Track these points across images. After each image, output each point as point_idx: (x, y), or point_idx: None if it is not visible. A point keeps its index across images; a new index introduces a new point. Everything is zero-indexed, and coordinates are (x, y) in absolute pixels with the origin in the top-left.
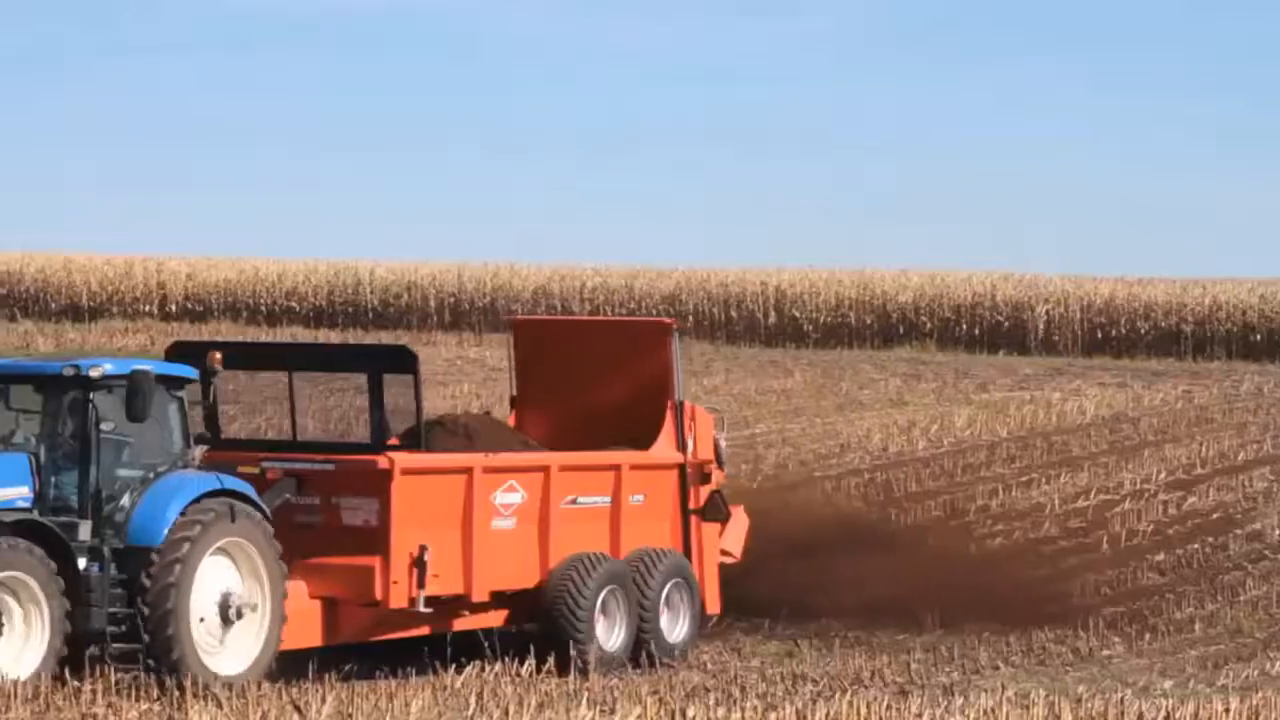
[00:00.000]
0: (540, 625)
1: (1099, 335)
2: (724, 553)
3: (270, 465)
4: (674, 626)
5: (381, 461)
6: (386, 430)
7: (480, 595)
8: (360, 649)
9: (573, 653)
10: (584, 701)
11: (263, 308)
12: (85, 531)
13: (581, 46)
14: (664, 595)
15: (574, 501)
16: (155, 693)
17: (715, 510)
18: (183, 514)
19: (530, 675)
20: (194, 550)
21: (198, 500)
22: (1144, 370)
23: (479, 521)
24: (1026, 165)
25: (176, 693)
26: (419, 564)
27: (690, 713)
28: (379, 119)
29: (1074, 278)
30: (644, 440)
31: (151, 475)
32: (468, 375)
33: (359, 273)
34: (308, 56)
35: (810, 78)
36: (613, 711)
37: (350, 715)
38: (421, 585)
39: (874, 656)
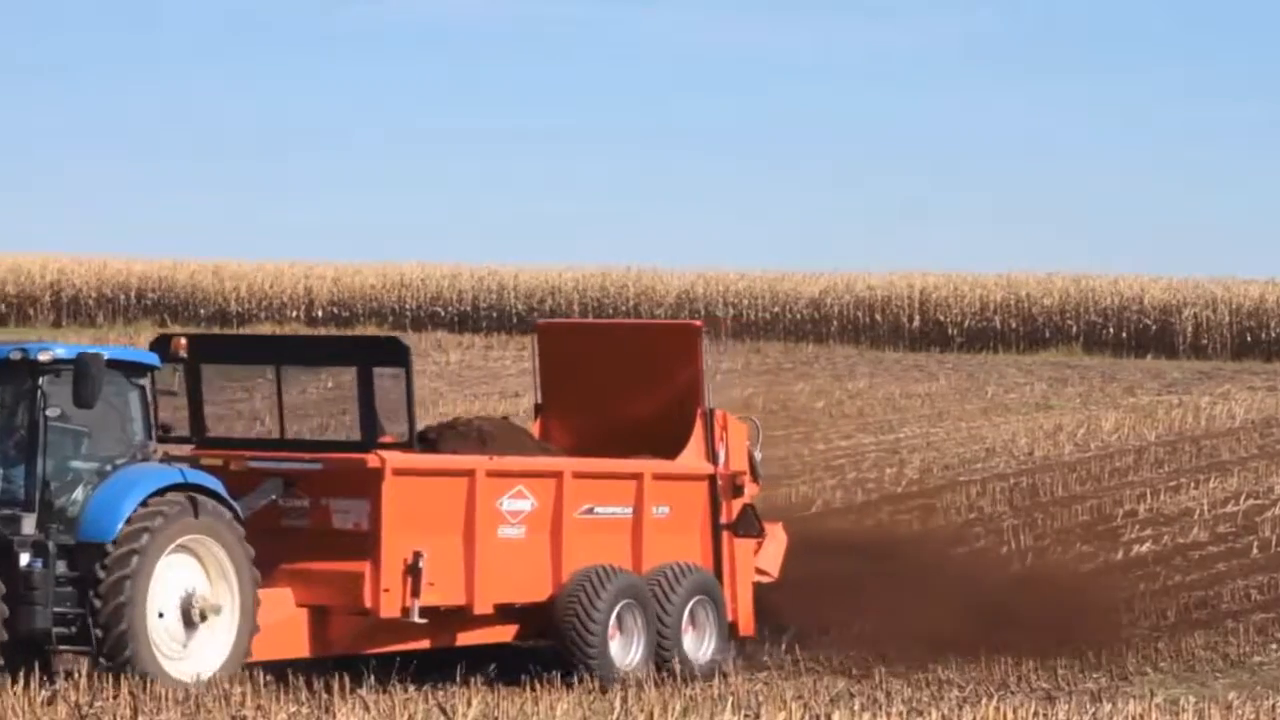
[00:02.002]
0: (551, 641)
1: (1248, 338)
2: (760, 571)
3: (254, 464)
4: (699, 646)
5: (372, 461)
6: (378, 428)
7: (484, 607)
8: (502, 651)
9: (584, 670)
10: (729, 706)
11: (408, 313)
12: (29, 525)
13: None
14: (687, 612)
15: (590, 511)
16: (304, 695)
17: (748, 525)
18: (143, 505)
19: (673, 679)
20: (153, 543)
21: (159, 494)
22: None
23: (483, 528)
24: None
25: (325, 694)
26: (413, 571)
27: (835, 718)
28: (519, 124)
29: (1223, 280)
30: (673, 450)
31: (109, 468)
32: None
33: (503, 278)
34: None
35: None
36: (757, 716)
37: (496, 719)
38: (416, 594)
39: (1020, 662)
